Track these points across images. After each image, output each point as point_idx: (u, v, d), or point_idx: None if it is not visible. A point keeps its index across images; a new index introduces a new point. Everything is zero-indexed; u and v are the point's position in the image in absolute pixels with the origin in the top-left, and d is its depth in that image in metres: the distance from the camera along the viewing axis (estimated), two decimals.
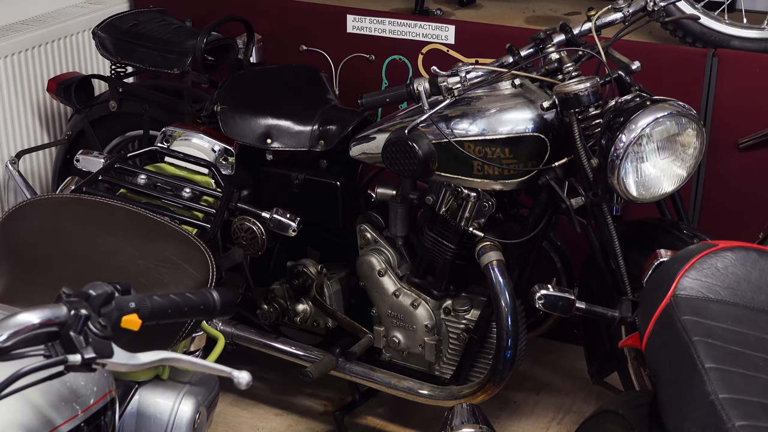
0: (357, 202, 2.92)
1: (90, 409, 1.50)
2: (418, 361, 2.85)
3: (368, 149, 2.74)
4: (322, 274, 2.94)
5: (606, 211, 2.46)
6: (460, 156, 2.54)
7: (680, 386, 1.55)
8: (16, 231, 1.98)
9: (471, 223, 2.59)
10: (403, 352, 2.85)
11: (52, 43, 3.52)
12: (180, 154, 2.83)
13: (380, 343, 2.88)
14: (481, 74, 2.51)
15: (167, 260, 1.90)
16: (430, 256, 2.74)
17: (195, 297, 1.42)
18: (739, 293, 1.67)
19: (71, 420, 1.45)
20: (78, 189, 2.66)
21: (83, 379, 1.50)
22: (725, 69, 2.98)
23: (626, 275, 2.47)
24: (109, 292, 1.28)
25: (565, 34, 2.60)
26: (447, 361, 2.81)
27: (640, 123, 2.35)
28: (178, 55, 3.05)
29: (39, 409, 1.40)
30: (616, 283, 2.51)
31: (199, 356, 2.07)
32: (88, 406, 1.49)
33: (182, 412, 1.83)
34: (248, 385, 1.37)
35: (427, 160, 2.54)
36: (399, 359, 2.88)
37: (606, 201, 2.46)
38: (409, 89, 2.52)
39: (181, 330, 1.83)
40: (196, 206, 2.71)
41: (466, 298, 2.77)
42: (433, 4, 3.62)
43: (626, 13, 2.61)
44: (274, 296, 2.99)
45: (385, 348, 2.89)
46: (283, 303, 2.98)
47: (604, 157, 2.39)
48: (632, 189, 2.41)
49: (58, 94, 3.25)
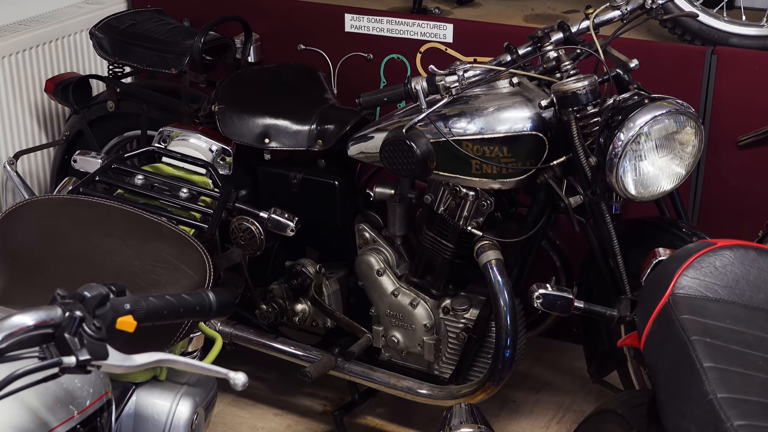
0: (355, 202, 2.92)
1: (86, 411, 1.49)
2: (417, 361, 2.85)
3: (366, 148, 2.73)
4: (320, 274, 2.93)
5: (605, 209, 2.45)
6: (458, 155, 2.54)
7: (679, 385, 1.55)
8: (13, 232, 1.97)
9: (470, 222, 2.59)
10: (402, 352, 2.85)
11: (49, 43, 3.51)
12: (177, 155, 2.82)
13: (379, 343, 2.88)
14: (479, 73, 2.50)
15: (164, 261, 1.90)
16: (429, 256, 2.73)
17: (191, 298, 1.42)
18: (737, 292, 1.66)
19: (67, 422, 1.45)
20: (75, 189, 2.66)
21: (79, 380, 1.49)
22: (724, 66, 2.98)
23: (625, 274, 2.46)
24: (104, 293, 1.28)
25: (563, 32, 2.59)
26: (446, 360, 2.80)
27: (638, 121, 2.34)
28: (175, 55, 3.05)
29: (34, 411, 1.39)
30: (615, 282, 2.50)
31: (197, 357, 2.06)
32: (84, 408, 1.49)
33: (180, 413, 1.83)
34: (244, 387, 1.36)
35: (425, 159, 2.53)
36: (398, 359, 2.88)
37: (605, 200, 2.45)
38: (407, 88, 2.52)
39: (178, 331, 1.82)
40: (193, 206, 2.71)
41: (465, 298, 2.77)
42: (432, 3, 3.62)
43: (624, 11, 2.60)
44: (273, 296, 2.99)
45: (384, 348, 2.88)
46: (281, 303, 2.98)
47: (602, 156, 2.38)
48: (631, 187, 2.40)
49: (55, 94, 3.25)
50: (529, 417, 3.13)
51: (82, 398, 1.49)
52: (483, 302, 2.70)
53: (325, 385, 3.16)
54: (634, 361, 2.71)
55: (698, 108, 2.98)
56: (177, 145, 2.87)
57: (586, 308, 2.41)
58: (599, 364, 2.78)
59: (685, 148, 2.43)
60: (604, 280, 2.56)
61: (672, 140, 2.41)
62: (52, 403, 1.43)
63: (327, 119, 2.84)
